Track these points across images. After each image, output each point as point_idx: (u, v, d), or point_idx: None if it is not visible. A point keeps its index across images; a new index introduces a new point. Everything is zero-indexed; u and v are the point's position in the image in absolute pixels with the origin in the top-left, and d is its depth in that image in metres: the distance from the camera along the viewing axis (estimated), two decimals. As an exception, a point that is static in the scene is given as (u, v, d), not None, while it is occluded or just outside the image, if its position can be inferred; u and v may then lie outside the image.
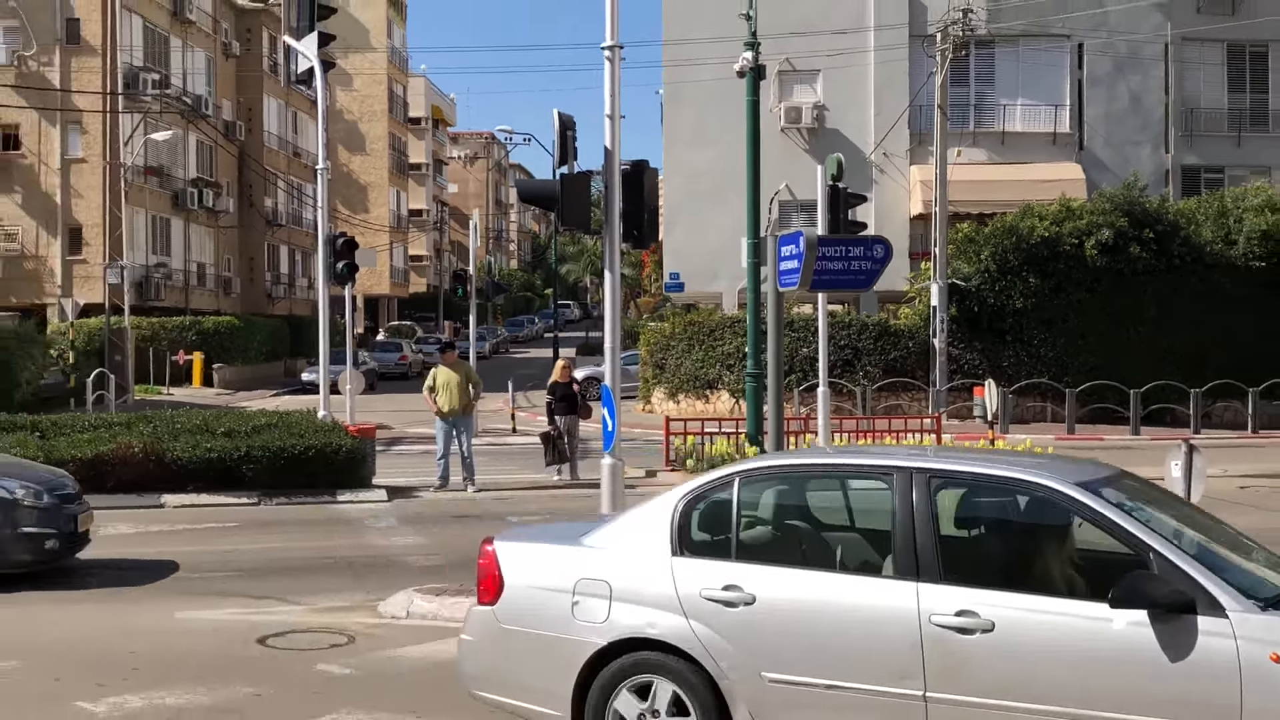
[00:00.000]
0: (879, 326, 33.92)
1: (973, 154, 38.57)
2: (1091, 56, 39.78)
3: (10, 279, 46.78)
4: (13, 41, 46.49)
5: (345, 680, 9.20)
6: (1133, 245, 32.10)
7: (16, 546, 12.44)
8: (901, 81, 38.40)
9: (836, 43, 37.39)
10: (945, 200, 31.88)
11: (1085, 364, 32.12)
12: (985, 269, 32.85)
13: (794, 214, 34.61)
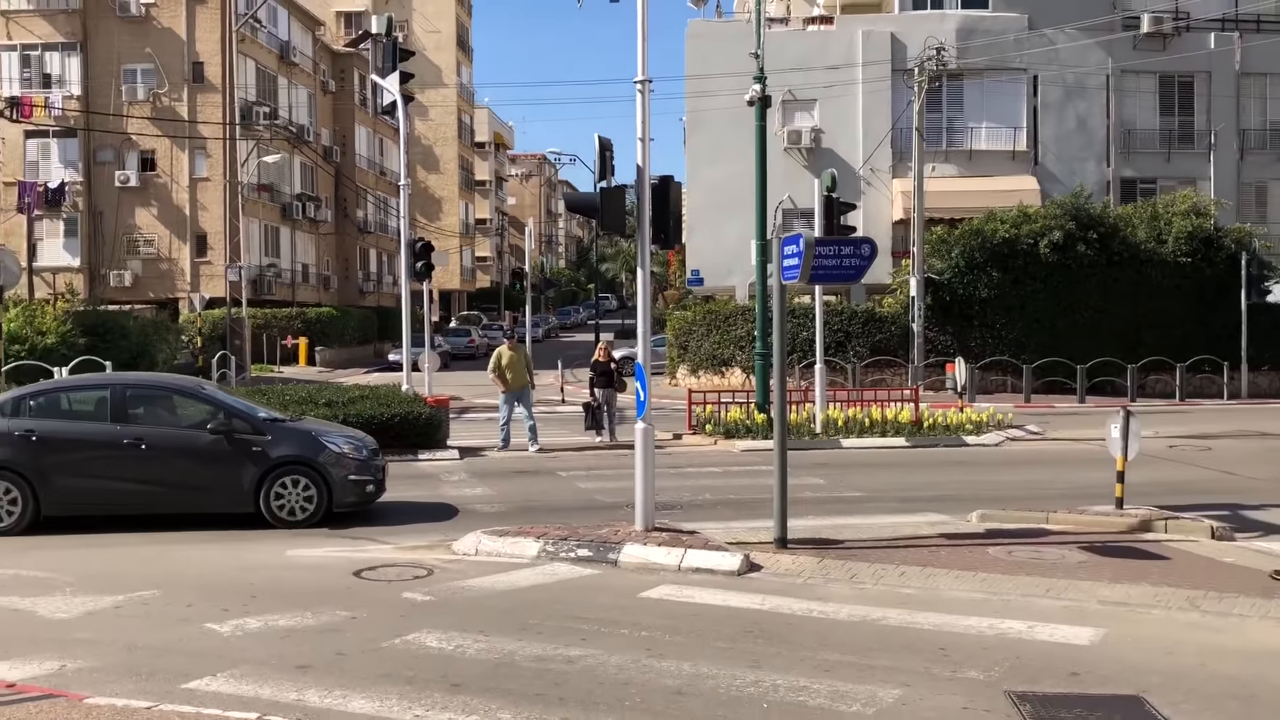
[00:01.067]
0: (866, 314, 33.83)
1: (945, 169, 38.39)
2: (1045, 87, 39.53)
3: (149, 278, 47.14)
4: (149, 82, 46.68)
5: (425, 605, 9.26)
6: (1079, 244, 32.11)
7: (345, 490, 12.91)
8: (885, 108, 38.21)
9: (830, 76, 37.31)
10: (922, 207, 31.69)
11: (1040, 344, 31.97)
12: (956, 265, 32.81)
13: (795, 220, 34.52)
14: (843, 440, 20.92)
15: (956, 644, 8.05)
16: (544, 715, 6.54)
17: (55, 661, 7.59)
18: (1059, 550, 11.14)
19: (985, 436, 21.56)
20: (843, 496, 15.13)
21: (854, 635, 8.31)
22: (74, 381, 15.34)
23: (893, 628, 8.48)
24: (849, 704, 6.77)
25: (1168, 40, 39.34)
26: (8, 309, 26.56)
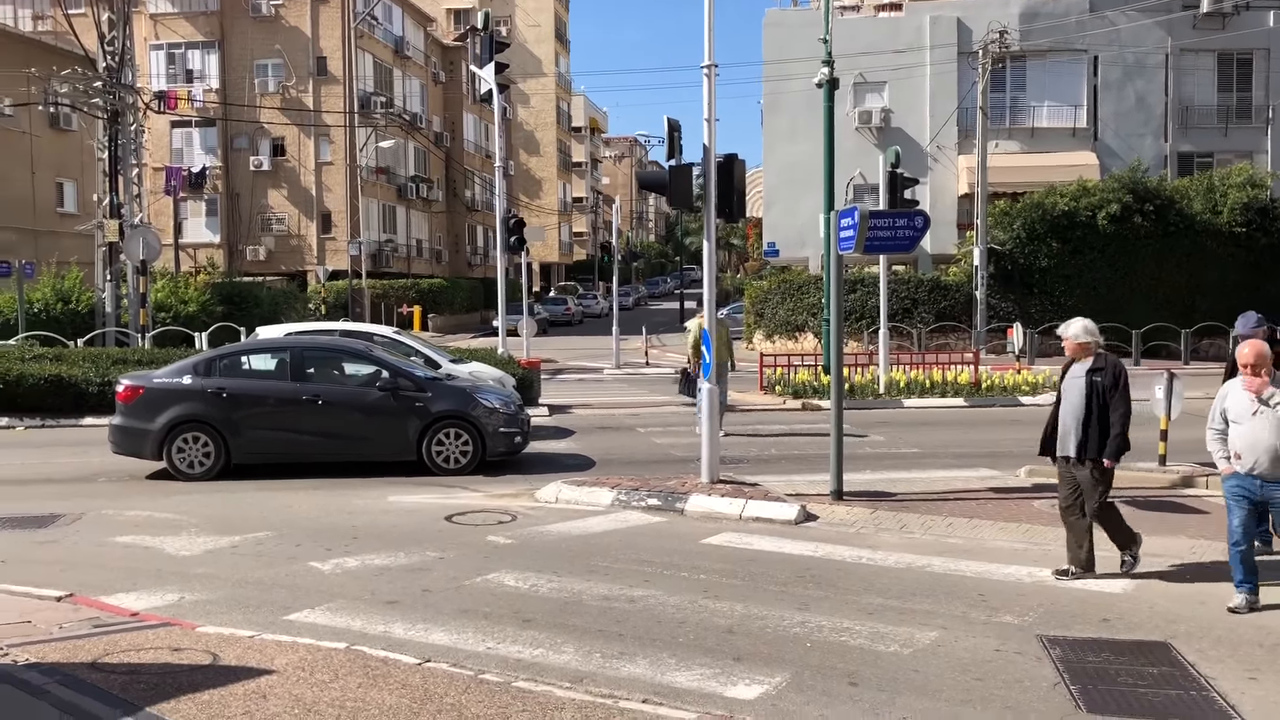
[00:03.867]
0: (932, 282, 33.14)
1: (1007, 145, 37.36)
2: (1105, 66, 38.07)
3: (280, 252, 48.19)
4: (279, 75, 47.50)
5: (507, 548, 9.31)
6: (1136, 216, 31.10)
7: (497, 441, 13.12)
8: (951, 89, 37.23)
9: (899, 60, 36.48)
10: (985, 182, 30.89)
11: (1096, 310, 30.43)
12: (1017, 236, 32.07)
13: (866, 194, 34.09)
14: (904, 400, 20.57)
15: (995, 591, 7.85)
16: (604, 649, 6.54)
17: (175, 594, 7.80)
18: (1101, 504, 10.77)
19: (1041, 397, 20.99)
20: (900, 453, 14.86)
21: (899, 581, 8.15)
22: (257, 344, 15.59)
23: (936, 574, 8.30)
24: (887, 644, 6.64)
25: (1227, 19, 37.58)
26: (155, 280, 27.35)
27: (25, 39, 39.35)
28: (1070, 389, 8.10)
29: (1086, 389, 7.96)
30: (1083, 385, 7.99)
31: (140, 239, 23.55)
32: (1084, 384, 7.99)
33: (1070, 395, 8.08)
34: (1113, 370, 8.01)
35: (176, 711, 5.27)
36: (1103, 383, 7.95)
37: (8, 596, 7.42)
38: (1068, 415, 8.05)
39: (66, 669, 5.86)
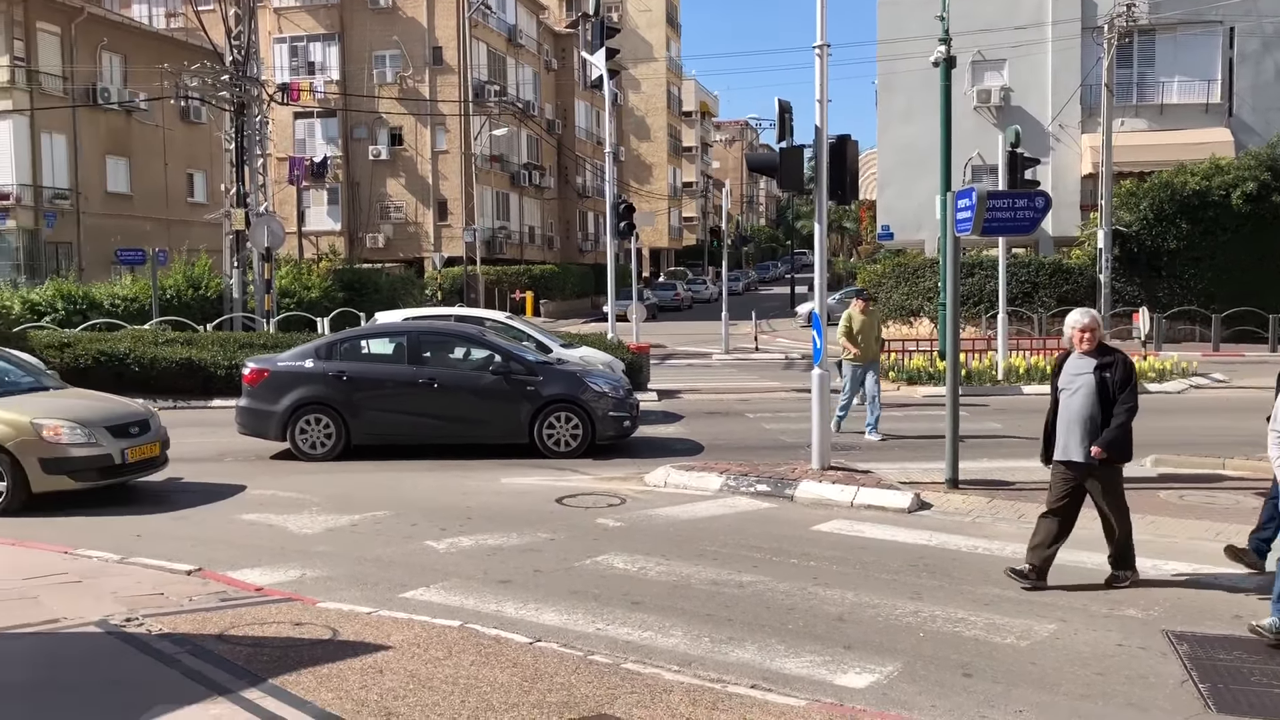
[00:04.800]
0: (1053, 265, 32.08)
1: (1134, 123, 35.82)
2: (1241, 38, 36.16)
3: (398, 239, 49.30)
4: (396, 66, 48.50)
5: (615, 531, 9.37)
6: (1275, 195, 29.55)
7: (606, 425, 13.21)
8: (1074, 65, 35.90)
9: (1019, 36, 35.31)
10: (1110, 162, 29.74)
11: (1229, 294, 29.58)
12: (1144, 217, 30.80)
13: (984, 175, 33.05)
14: (1023, 387, 19.99)
15: (1118, 584, 7.58)
16: (712, 634, 6.53)
17: (297, 570, 8.07)
18: (1233, 496, 10.33)
19: (1168, 384, 20.19)
20: (1018, 440, 14.40)
21: (1015, 572, 7.92)
22: (376, 329, 15.97)
23: (1055, 566, 8.04)
24: (1003, 636, 6.48)
25: (1377, -16, 35.39)
26: (279, 267, 28.26)
27: (159, 36, 41.04)
28: (1074, 387, 7.39)
29: (1097, 386, 7.28)
30: (1092, 383, 7.29)
31: (265, 227, 24.35)
32: (1093, 381, 7.29)
33: (1076, 394, 7.36)
34: (1124, 366, 7.34)
35: (297, 683, 5.45)
36: (1113, 379, 7.27)
37: (143, 569, 7.77)
38: (1072, 416, 7.35)
39: (196, 640, 6.12)
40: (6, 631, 6.28)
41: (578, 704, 5.25)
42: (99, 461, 10.18)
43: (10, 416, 10.02)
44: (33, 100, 33.61)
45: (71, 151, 35.20)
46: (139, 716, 4.99)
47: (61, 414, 10.24)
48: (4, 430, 9.90)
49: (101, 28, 37.00)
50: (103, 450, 10.18)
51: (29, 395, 10.83)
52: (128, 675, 5.59)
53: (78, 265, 33.73)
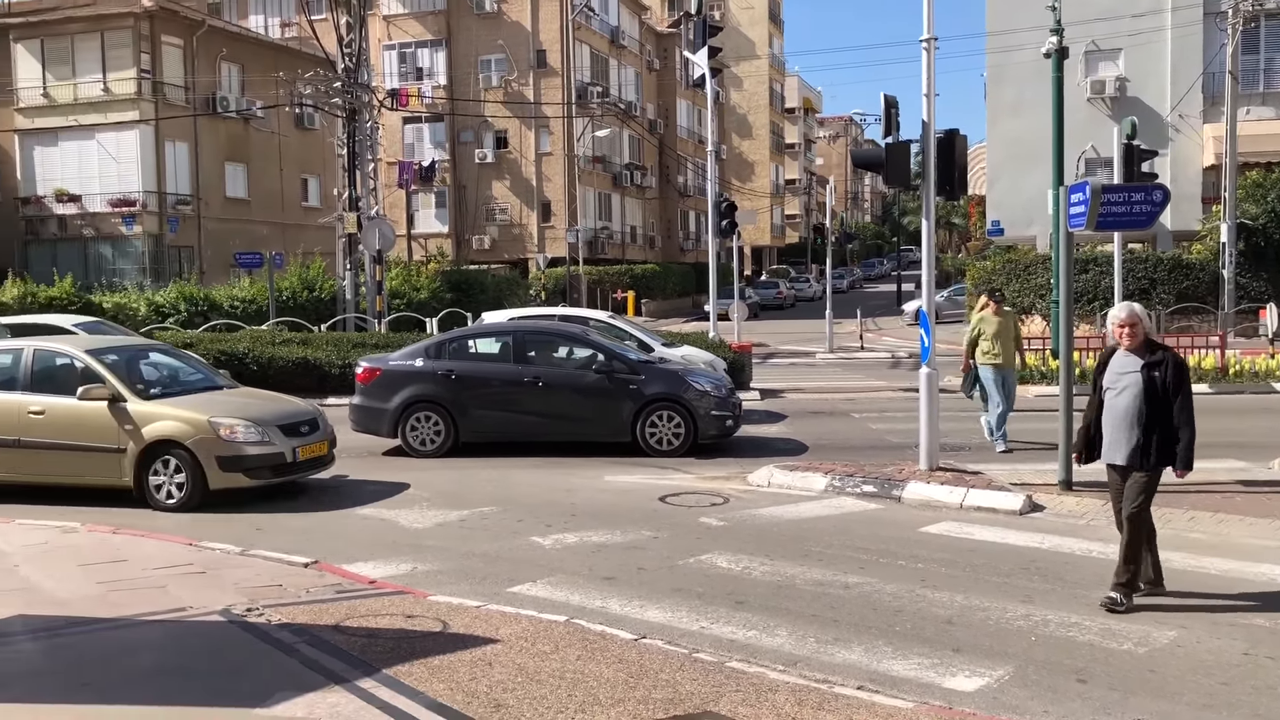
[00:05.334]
0: (1173, 260, 30.93)
1: (1261, 111, 34.29)
2: (1377, 19, 34.38)
3: (503, 240, 50.04)
4: (501, 69, 49.23)
5: (719, 530, 9.37)
6: None
7: (708, 424, 13.26)
8: (1195, 53, 34.51)
9: (1136, 24, 34.11)
10: (1235, 153, 28.58)
11: (1367, 291, 28.23)
12: (1272, 209, 29.55)
13: (1098, 168, 32.14)
14: (1140, 386, 19.33)
15: (1242, 590, 7.29)
16: (818, 634, 6.49)
17: (409, 564, 8.27)
18: (1370, 501, 9.83)
19: (1297, 384, 19.31)
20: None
21: (1133, 577, 7.68)
22: (483, 329, 16.31)
23: (1175, 570, 7.76)
24: (1120, 642, 6.29)
25: None
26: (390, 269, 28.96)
27: (274, 46, 42.40)
28: (1120, 385, 7.01)
29: (1145, 385, 6.88)
30: (1140, 381, 6.90)
31: (377, 230, 24.99)
32: (1141, 380, 6.90)
33: (1123, 394, 6.98)
34: (1174, 363, 6.94)
35: (410, 674, 5.59)
36: (1163, 378, 6.86)
37: (262, 561, 8.06)
38: (1119, 417, 6.97)
39: (313, 630, 6.32)
40: (137, 619, 6.59)
41: (683, 701, 5.27)
42: (272, 460, 10.41)
43: (189, 415, 10.31)
44: (157, 110, 35.07)
45: (193, 159, 36.63)
46: (263, 702, 5.19)
47: (237, 413, 10.51)
48: (184, 428, 10.18)
49: (221, 39, 38.42)
50: (276, 449, 10.41)
51: (204, 394, 11.13)
52: (250, 663, 5.81)
53: (199, 268, 35.08)
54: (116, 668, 5.72)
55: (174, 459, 10.18)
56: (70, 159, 35.52)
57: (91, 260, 35.35)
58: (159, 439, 10.19)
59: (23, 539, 8.90)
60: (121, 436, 10.24)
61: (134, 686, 5.43)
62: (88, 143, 35.26)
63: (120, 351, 11.31)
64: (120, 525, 9.36)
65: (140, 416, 10.26)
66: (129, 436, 10.23)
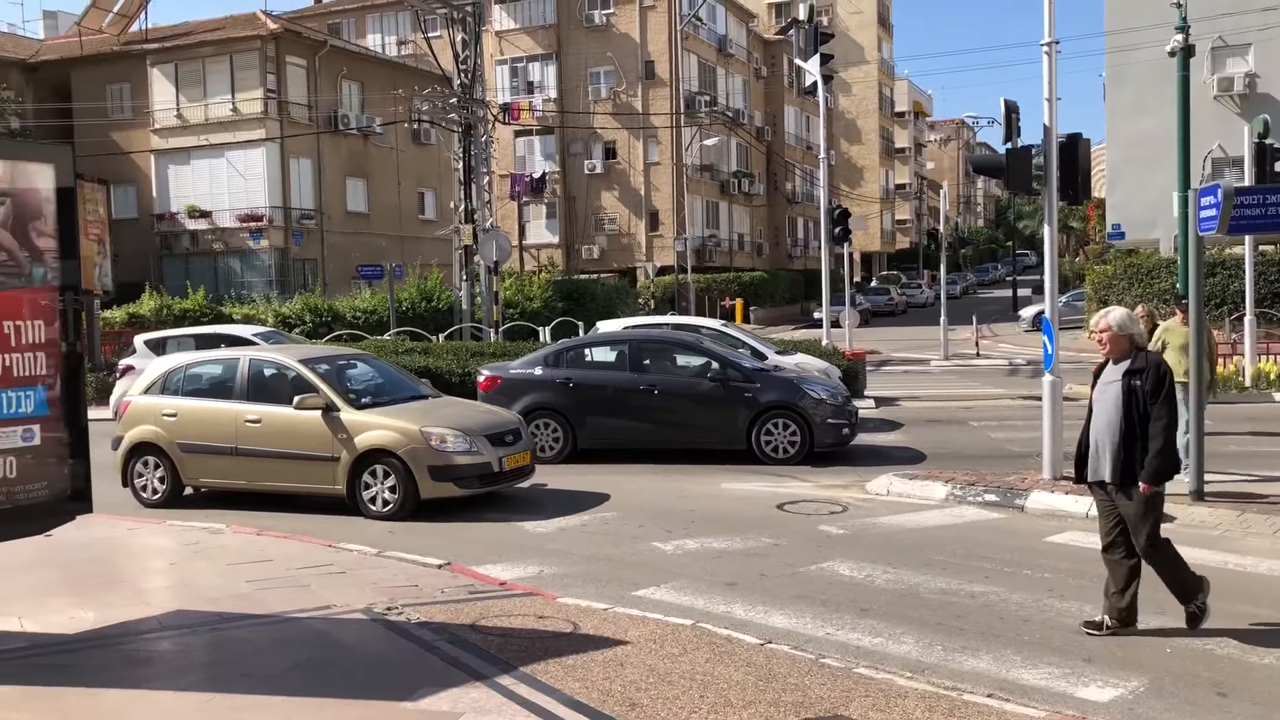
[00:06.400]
0: (1306, 263, 29.61)
1: (1406, 106, 32.64)
2: None
3: (612, 250, 50.54)
4: (610, 81, 49.78)
5: (839, 538, 9.39)
6: None
7: (825, 432, 13.26)
8: (1334, 44, 33.03)
9: (1268, 18, 32.79)
10: (1376, 148, 27.22)
11: None
12: None
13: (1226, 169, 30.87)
14: (1275, 394, 18.63)
15: (1392, 607, 7.03)
16: (944, 642, 6.49)
17: (535, 566, 8.51)
18: None
19: None
20: (1270, 451, 13.51)
21: (1272, 590, 7.48)
22: (599, 337, 16.51)
23: (1317, 586, 7.55)
24: (1260, 656, 6.15)
25: None
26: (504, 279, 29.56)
27: (392, 64, 43.67)
28: (1103, 397, 6.63)
29: (1124, 396, 6.46)
30: (1118, 391, 6.49)
31: (493, 242, 25.54)
32: (1120, 389, 6.48)
33: (1103, 405, 6.61)
34: (1155, 372, 6.47)
35: (545, 673, 5.79)
36: (1143, 387, 6.43)
37: (398, 563, 8.39)
38: (1100, 430, 6.59)
39: (451, 629, 6.59)
40: (286, 615, 6.95)
41: (812, 704, 5.35)
42: (480, 469, 10.50)
43: (401, 424, 10.44)
44: (283, 128, 36.46)
45: (316, 174, 37.96)
46: (409, 696, 5.45)
47: (447, 422, 10.60)
48: (396, 437, 10.30)
49: (342, 58, 39.75)
50: (484, 459, 10.50)
51: (411, 403, 11.26)
52: (393, 658, 6.09)
53: (322, 280, 36.32)
54: (271, 660, 6.06)
55: (386, 468, 10.31)
56: (201, 176, 37.17)
57: (221, 273, 36.91)
58: (371, 448, 10.31)
59: (176, 539, 9.44)
60: (335, 445, 10.41)
61: (288, 678, 5.74)
62: (217, 160, 36.85)
63: (331, 361, 11.55)
64: (263, 528, 9.84)
65: (353, 425, 10.43)
66: (342, 445, 10.39)
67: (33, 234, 6.58)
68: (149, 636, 6.63)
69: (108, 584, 7.88)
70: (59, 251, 6.70)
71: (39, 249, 6.60)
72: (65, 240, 6.75)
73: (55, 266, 6.68)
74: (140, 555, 9.05)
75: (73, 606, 7.18)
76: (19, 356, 6.49)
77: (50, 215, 6.68)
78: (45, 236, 6.64)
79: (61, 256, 6.71)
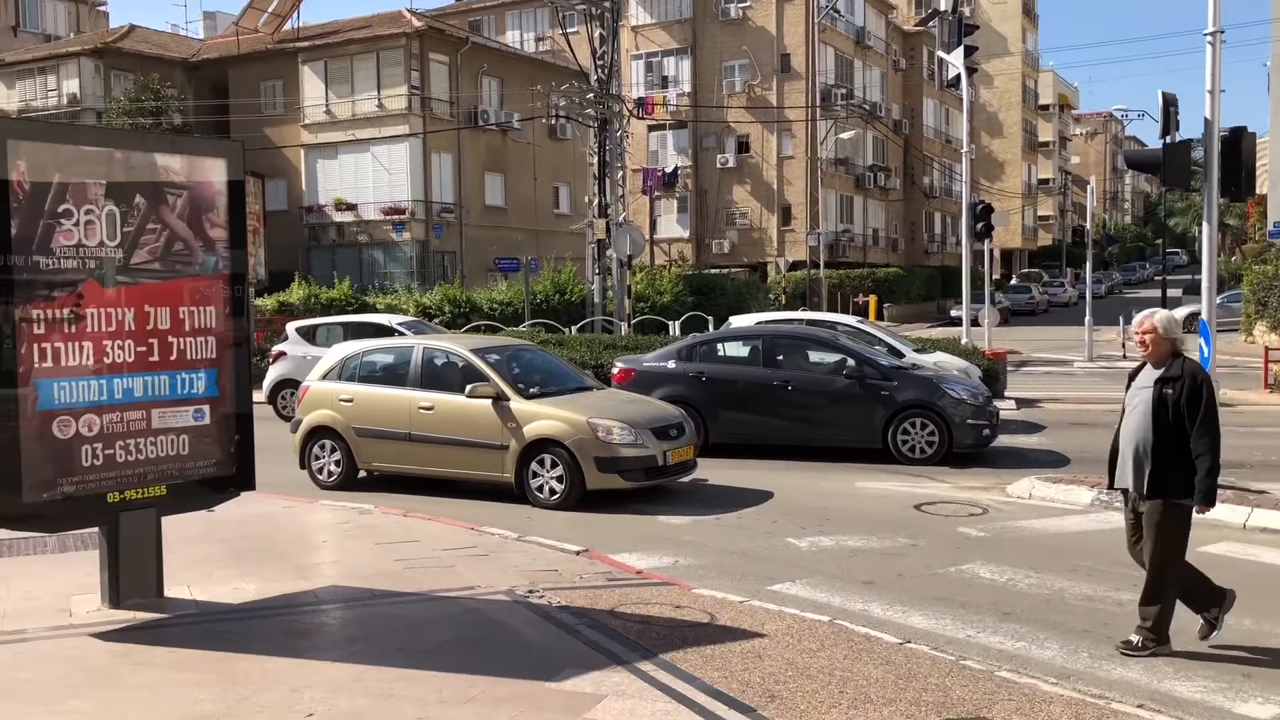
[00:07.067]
0: None
1: None
2: None
3: (743, 245, 50.40)
4: (744, 75, 49.60)
5: (979, 540, 9.23)
6: None
7: (964, 433, 13.02)
8: None
9: None
10: None
11: None
12: None
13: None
14: None
15: None
16: (1091, 649, 6.35)
17: (670, 557, 8.63)
18: None
19: None
20: None
21: None
22: (732, 332, 16.53)
23: None
24: None
25: None
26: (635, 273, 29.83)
27: (530, 60, 44.46)
28: (1134, 403, 6.34)
29: (1155, 404, 6.15)
30: (1149, 399, 6.19)
31: (626, 235, 25.82)
32: (1150, 397, 6.19)
33: (1134, 411, 6.32)
34: (1191, 380, 6.11)
35: (685, 661, 5.88)
36: (1175, 396, 6.10)
37: (537, 548, 8.62)
38: (1127, 437, 6.32)
39: (592, 614, 6.74)
40: (433, 593, 7.23)
41: (954, 705, 5.31)
42: (645, 462, 10.55)
43: (569, 415, 10.58)
44: (425, 124, 37.52)
45: (456, 169, 38.94)
46: (553, 676, 5.61)
47: (613, 414, 10.71)
48: (564, 428, 10.44)
49: (482, 55, 40.65)
50: (649, 451, 10.56)
51: (577, 394, 11.44)
52: (537, 640, 6.28)
53: (460, 272, 37.27)
54: (421, 636, 6.32)
55: (553, 458, 10.45)
56: (348, 170, 38.54)
57: (365, 264, 38.22)
58: (540, 438, 10.48)
59: (328, 518, 9.89)
60: (504, 434, 10.61)
61: (438, 654, 5.98)
62: (363, 155, 38.15)
63: (500, 351, 11.71)
64: (410, 509, 10.21)
65: (522, 415, 10.61)
66: (511, 434, 10.58)
67: (206, 225, 7.01)
68: (307, 609, 6.98)
69: (266, 558, 8.31)
70: (229, 241, 7.12)
71: (211, 239, 7.03)
72: (235, 231, 7.17)
73: (225, 256, 7.10)
74: (295, 532, 9.51)
75: (235, 578, 7.60)
76: (192, 340, 6.93)
77: (222, 207, 7.11)
78: (217, 227, 7.07)
79: (231, 246, 7.13)
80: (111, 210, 6.48)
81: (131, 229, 6.58)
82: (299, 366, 18.23)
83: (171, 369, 6.79)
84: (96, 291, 6.44)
